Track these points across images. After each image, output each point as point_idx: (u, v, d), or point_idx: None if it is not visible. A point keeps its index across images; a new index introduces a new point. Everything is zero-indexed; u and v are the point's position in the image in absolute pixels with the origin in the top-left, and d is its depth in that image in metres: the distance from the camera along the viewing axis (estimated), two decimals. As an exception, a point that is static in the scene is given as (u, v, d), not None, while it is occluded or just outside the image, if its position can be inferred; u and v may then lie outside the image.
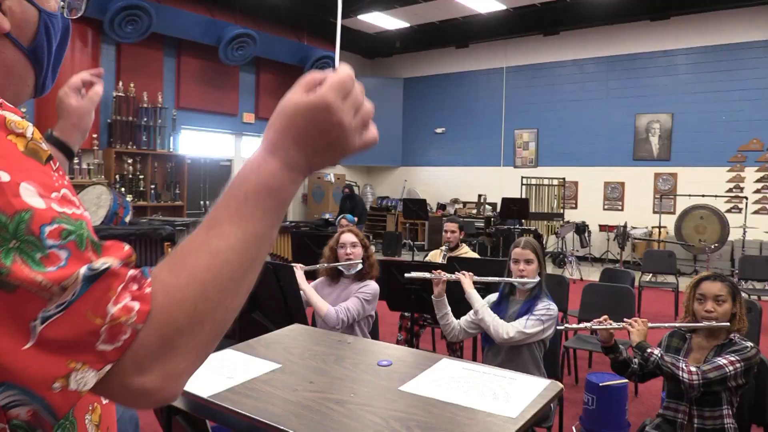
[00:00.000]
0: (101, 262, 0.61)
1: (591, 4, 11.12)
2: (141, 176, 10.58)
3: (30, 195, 0.62)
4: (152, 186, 10.73)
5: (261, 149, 0.71)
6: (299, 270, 3.11)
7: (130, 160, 10.45)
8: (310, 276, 3.43)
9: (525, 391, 1.42)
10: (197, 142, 12.17)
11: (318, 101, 0.67)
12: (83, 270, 0.60)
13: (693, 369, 2.27)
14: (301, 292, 3.01)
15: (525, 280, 2.84)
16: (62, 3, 0.89)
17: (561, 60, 12.98)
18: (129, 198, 9.44)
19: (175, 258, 0.66)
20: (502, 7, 11.50)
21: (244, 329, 2.55)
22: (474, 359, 3.81)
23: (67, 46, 0.93)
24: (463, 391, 1.39)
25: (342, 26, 12.95)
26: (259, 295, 2.52)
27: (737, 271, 8.90)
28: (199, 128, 12.10)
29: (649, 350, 2.39)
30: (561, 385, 1.47)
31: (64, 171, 0.71)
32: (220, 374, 1.51)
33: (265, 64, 12.85)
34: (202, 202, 12.17)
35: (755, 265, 7.27)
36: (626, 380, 3.69)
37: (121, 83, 10.29)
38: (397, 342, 4.64)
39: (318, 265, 3.40)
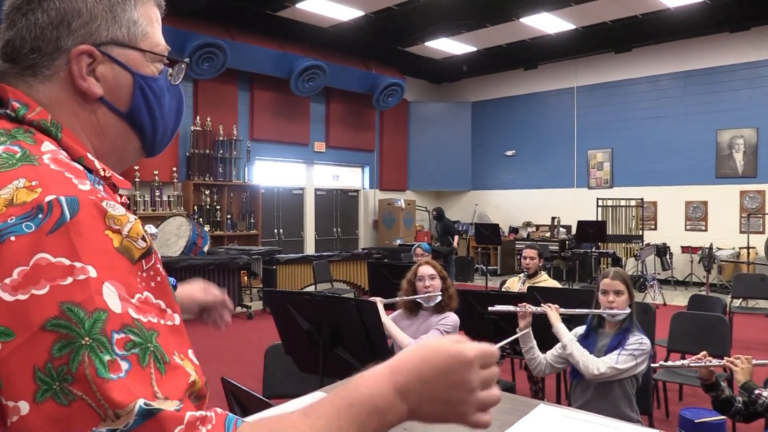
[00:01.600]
0: (157, 404, 0.60)
1: (665, 19, 10.78)
2: (218, 207, 10.93)
3: (111, 296, 0.63)
4: (228, 216, 11.05)
5: (385, 366, 0.70)
6: (380, 304, 3.10)
7: (207, 191, 10.81)
8: (388, 308, 3.41)
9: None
10: (270, 172, 12.48)
11: (461, 352, 0.68)
12: (140, 403, 0.59)
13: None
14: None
15: (615, 311, 2.73)
16: (170, 70, 0.91)
17: (634, 77, 12.63)
18: (206, 228, 9.76)
19: (264, 425, 0.66)
20: (571, 26, 11.31)
21: (327, 365, 2.55)
22: (558, 393, 3.68)
23: (181, 112, 0.94)
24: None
25: (409, 53, 13.09)
26: (341, 331, 2.52)
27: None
28: (272, 158, 12.42)
29: (757, 392, 2.24)
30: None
31: (159, 268, 0.71)
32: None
33: (335, 93, 13.10)
34: (275, 230, 12.44)
35: None
36: (724, 417, 3.47)
37: (198, 118, 10.70)
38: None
39: (397, 299, 3.38)
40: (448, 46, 12.64)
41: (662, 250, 11.30)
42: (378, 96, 13.10)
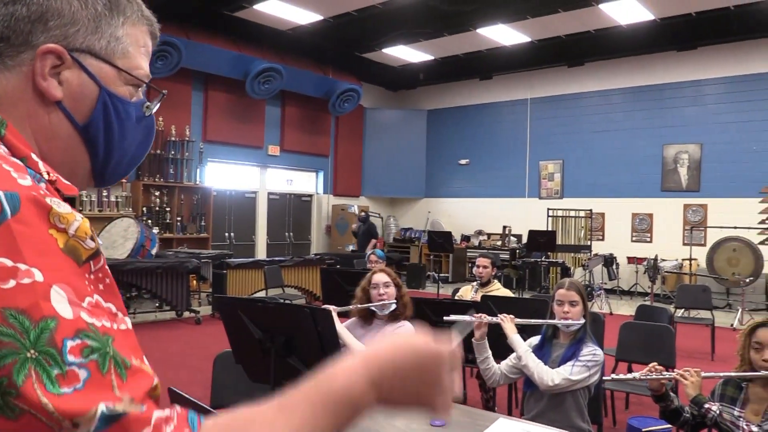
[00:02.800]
0: (121, 406, 0.57)
1: (616, 35, 11.08)
2: (167, 208, 10.68)
3: (60, 301, 0.58)
4: (178, 218, 10.81)
5: (359, 357, 0.69)
6: (334, 312, 3.04)
7: (157, 193, 10.56)
8: (342, 316, 3.36)
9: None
10: (223, 175, 12.27)
11: (437, 350, 0.69)
12: (101, 408, 0.55)
13: (755, 429, 2.16)
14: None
15: (570, 322, 2.74)
16: (149, 103, 0.86)
17: (586, 91, 12.93)
18: (155, 230, 9.51)
19: (234, 422, 0.63)
20: (527, 39, 11.51)
21: (279, 375, 2.48)
22: (509, 403, 3.70)
23: (148, 145, 0.89)
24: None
25: (366, 59, 13.09)
26: (295, 340, 2.46)
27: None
28: (225, 161, 12.22)
29: (706, 406, 2.28)
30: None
31: (107, 270, 0.67)
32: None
33: (291, 97, 12.99)
34: (227, 234, 12.23)
35: (794, 301, 7.04)
36: (670, 426, 3.55)
37: (149, 117, 10.43)
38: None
39: (351, 306, 3.33)
40: (406, 53, 12.70)
41: (609, 261, 11.56)
42: (334, 101, 13.05)
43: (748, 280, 9.53)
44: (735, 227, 10.33)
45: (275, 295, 8.43)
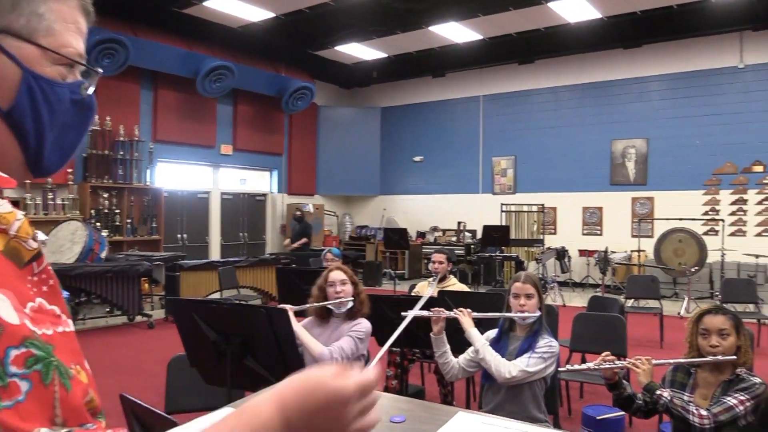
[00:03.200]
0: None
1: (565, 33, 11.30)
2: (117, 210, 10.41)
3: (3, 307, 0.55)
4: (128, 220, 10.54)
5: (273, 397, 0.69)
6: (290, 311, 3.01)
7: (105, 195, 10.27)
8: (299, 315, 3.33)
9: (552, 448, 1.34)
10: (174, 175, 12.03)
11: (341, 391, 0.69)
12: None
13: (704, 413, 2.22)
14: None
15: (526, 315, 2.78)
16: (86, 83, 0.80)
17: (536, 88, 13.15)
18: (104, 233, 9.26)
19: None
20: (479, 37, 11.63)
21: (235, 376, 2.44)
22: (467, 397, 3.73)
23: (85, 129, 0.83)
24: (488, 451, 1.31)
25: (319, 57, 13.02)
26: (251, 341, 2.42)
27: (718, 294, 8.98)
28: (176, 161, 11.98)
29: (658, 392, 2.34)
30: (588, 440, 1.40)
31: (50, 270, 0.64)
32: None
33: (243, 95, 12.82)
34: (179, 236, 12.00)
35: (737, 288, 7.32)
36: (623, 413, 3.63)
37: (97, 117, 10.11)
38: (387, 378, 4.54)
39: (308, 305, 3.30)
40: (359, 51, 12.68)
41: (561, 254, 11.79)
42: (287, 99, 12.93)
43: (693, 270, 9.85)
44: (680, 219, 10.68)
45: (230, 296, 8.31)
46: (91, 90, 0.81)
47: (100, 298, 7.79)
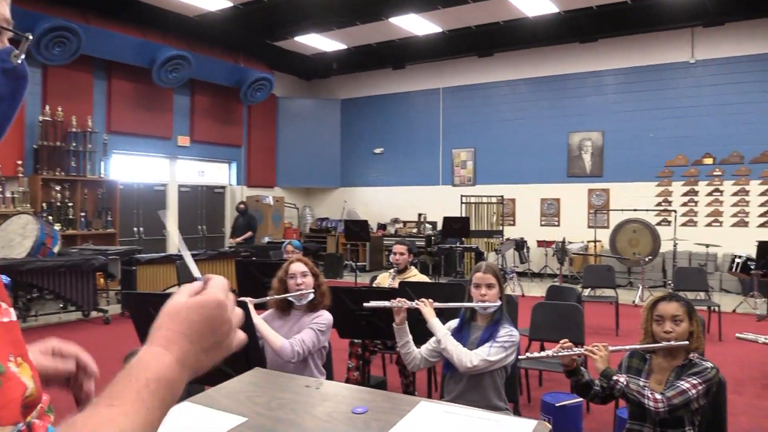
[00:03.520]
0: None
1: (523, 27, 11.42)
2: (70, 204, 10.12)
3: None
4: (82, 214, 10.26)
5: (155, 345, 0.70)
6: (250, 304, 2.97)
7: (57, 187, 9.98)
8: (259, 308, 3.30)
9: (513, 435, 1.36)
10: (130, 167, 11.75)
11: (210, 299, 0.71)
12: None
13: (658, 397, 2.27)
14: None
15: (487, 304, 2.80)
16: (15, 51, 0.74)
17: (495, 81, 13.27)
18: (57, 227, 9.00)
19: (72, 427, 0.62)
20: (438, 29, 11.66)
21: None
22: (429, 386, 3.75)
23: (19, 100, 0.76)
24: (450, 439, 1.32)
25: (278, 48, 12.86)
26: (210, 334, 2.38)
27: (670, 283, 9.23)
28: (132, 152, 11.70)
29: (614, 378, 2.39)
30: (549, 426, 1.42)
31: None
32: None
33: (200, 86, 12.59)
34: (135, 229, 11.75)
35: (688, 276, 7.53)
36: (581, 399, 3.71)
37: (48, 107, 9.85)
38: (348, 369, 4.53)
39: (268, 298, 3.26)
40: (318, 42, 12.57)
41: (520, 245, 11.96)
42: (246, 90, 12.76)
43: (647, 259, 10.11)
44: (635, 210, 10.94)
45: (189, 290, 8.16)
46: (22, 57, 0.75)
47: (53, 294, 7.58)
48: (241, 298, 3.03)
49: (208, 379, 2.31)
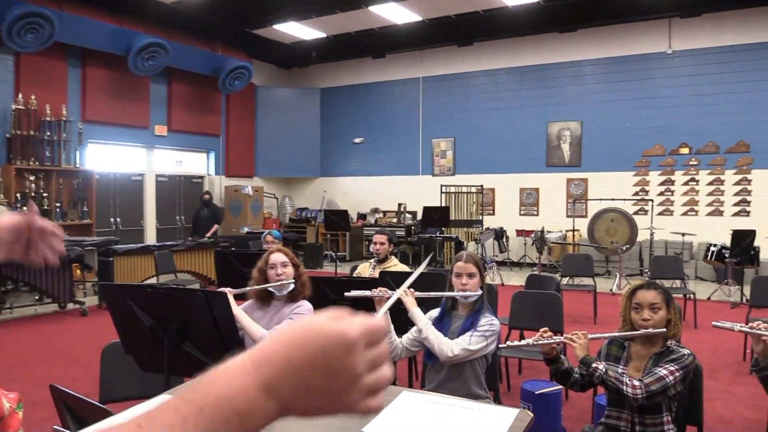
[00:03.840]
0: None
1: (503, 16, 11.42)
2: (45, 194, 9.96)
3: None
4: (57, 204, 10.11)
5: (247, 357, 0.57)
6: (229, 295, 2.94)
7: (32, 177, 9.82)
8: (239, 298, 3.27)
9: (496, 424, 1.36)
10: (106, 157, 11.59)
11: (340, 334, 0.56)
12: None
13: (636, 383, 2.30)
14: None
15: (468, 293, 2.80)
16: None
17: (475, 70, 13.27)
18: (32, 218, 8.84)
19: None
20: (418, 18, 11.62)
21: (173, 363, 2.37)
22: (410, 375, 3.76)
23: None
24: (433, 429, 1.31)
25: (257, 36, 12.73)
26: (189, 325, 2.35)
27: (647, 271, 9.35)
28: (108, 142, 11.53)
29: (593, 365, 2.41)
30: (531, 415, 1.42)
31: None
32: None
33: (178, 74, 12.42)
34: (112, 220, 11.60)
35: (665, 265, 7.64)
36: (560, 387, 3.74)
37: (21, 95, 9.65)
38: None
39: (248, 288, 3.24)
40: (298, 30, 12.47)
41: (500, 234, 12.03)
42: (224, 79, 12.61)
43: (624, 248, 10.23)
44: (613, 199, 11.04)
45: (168, 281, 8.11)
46: None
47: (28, 286, 7.47)
48: (221, 289, 3.01)
49: (187, 370, 2.29)
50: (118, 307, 2.46)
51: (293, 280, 3.20)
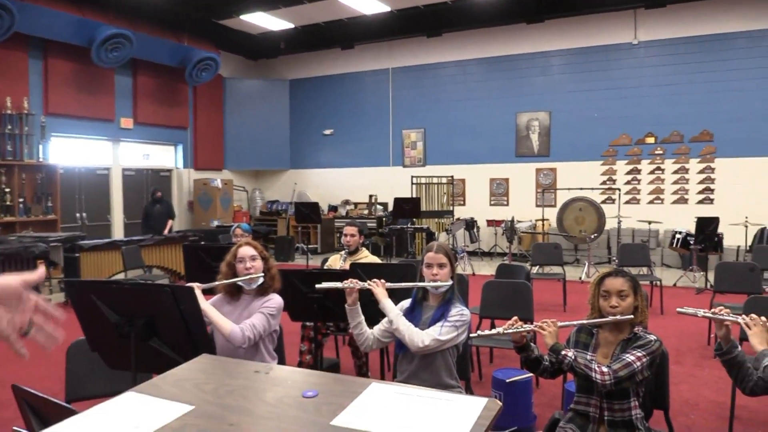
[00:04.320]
0: None
1: (471, 7, 11.45)
2: (7, 189, 9.72)
3: None
4: (20, 199, 9.87)
5: None
6: (198, 290, 2.90)
7: (-8, 172, 9.56)
8: (207, 293, 3.22)
9: (465, 413, 1.36)
10: (70, 151, 11.33)
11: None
12: None
13: (605, 369, 2.33)
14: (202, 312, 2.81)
15: (439, 284, 2.81)
16: None
17: (444, 61, 13.29)
18: (-7, 214, 8.63)
19: None
20: (386, 8, 11.58)
21: (140, 359, 2.33)
22: (381, 367, 3.76)
23: None
24: (402, 420, 1.31)
25: (224, 27, 12.56)
26: (156, 321, 2.31)
27: (615, 259, 9.50)
28: (72, 135, 11.28)
29: (563, 353, 2.43)
30: (499, 404, 1.43)
31: None
32: (123, 425, 1.33)
33: (143, 66, 12.19)
34: (78, 215, 11.37)
35: (632, 252, 7.76)
36: (531, 374, 3.78)
37: (-22, 88, 9.38)
38: (301, 353, 4.51)
39: (216, 283, 3.19)
40: (265, 21, 12.33)
41: (470, 224, 12.11)
42: (191, 70, 12.41)
43: (593, 237, 10.38)
44: (581, 189, 11.19)
45: (136, 276, 7.99)
46: None
47: (-10, 283, 7.27)
48: (189, 284, 2.96)
49: (155, 366, 2.26)
50: (83, 304, 2.41)
51: (262, 274, 3.17)
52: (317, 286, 2.98)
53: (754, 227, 9.69)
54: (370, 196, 14.06)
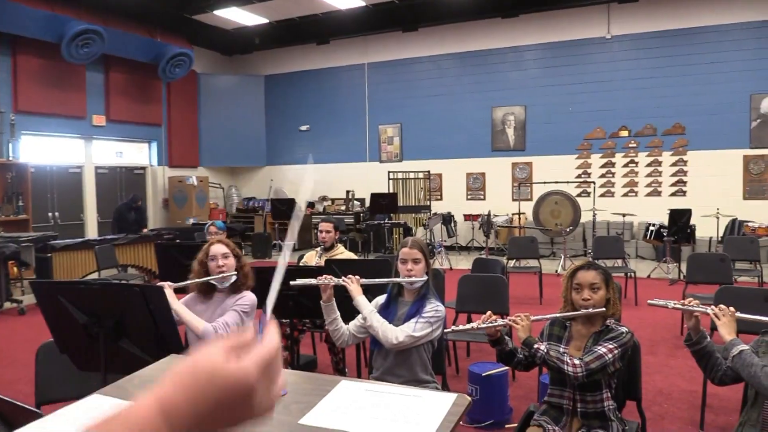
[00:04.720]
0: None
1: (446, 1, 11.46)
2: (-25, 189, 9.52)
3: None
4: (-11, 199, 9.68)
5: (152, 399, 0.56)
6: (169, 289, 2.86)
7: (-40, 172, 9.36)
8: (180, 292, 3.18)
9: (434, 409, 1.35)
10: (41, 149, 11.14)
11: (242, 380, 0.57)
12: None
13: (577, 362, 2.35)
14: (173, 312, 2.77)
15: (413, 279, 2.80)
16: None
17: (419, 56, 13.28)
18: (-38, 214, 8.45)
19: None
20: (362, 3, 11.54)
21: (110, 360, 2.29)
22: (358, 363, 3.75)
23: None
24: (372, 417, 1.30)
25: (197, 22, 12.41)
26: (125, 321, 2.28)
27: (590, 251, 9.59)
28: (43, 133, 11.08)
29: (536, 346, 2.45)
30: (468, 399, 1.42)
31: None
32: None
33: (115, 62, 12.01)
34: (50, 214, 11.18)
35: (607, 245, 7.85)
36: (507, 368, 3.81)
37: (-56, 85, 9.17)
38: (277, 350, 4.48)
39: (188, 282, 3.16)
40: (239, 16, 12.21)
41: (447, 219, 12.13)
42: (164, 66, 12.26)
43: (568, 230, 10.47)
44: (556, 182, 11.27)
45: (109, 276, 7.88)
46: None
47: (-41, 285, 7.14)
48: (160, 283, 2.93)
49: (125, 367, 2.22)
50: (51, 305, 2.36)
51: (235, 272, 3.14)
52: (292, 282, 2.96)
53: (725, 219, 9.86)
54: (348, 192, 14.02)
